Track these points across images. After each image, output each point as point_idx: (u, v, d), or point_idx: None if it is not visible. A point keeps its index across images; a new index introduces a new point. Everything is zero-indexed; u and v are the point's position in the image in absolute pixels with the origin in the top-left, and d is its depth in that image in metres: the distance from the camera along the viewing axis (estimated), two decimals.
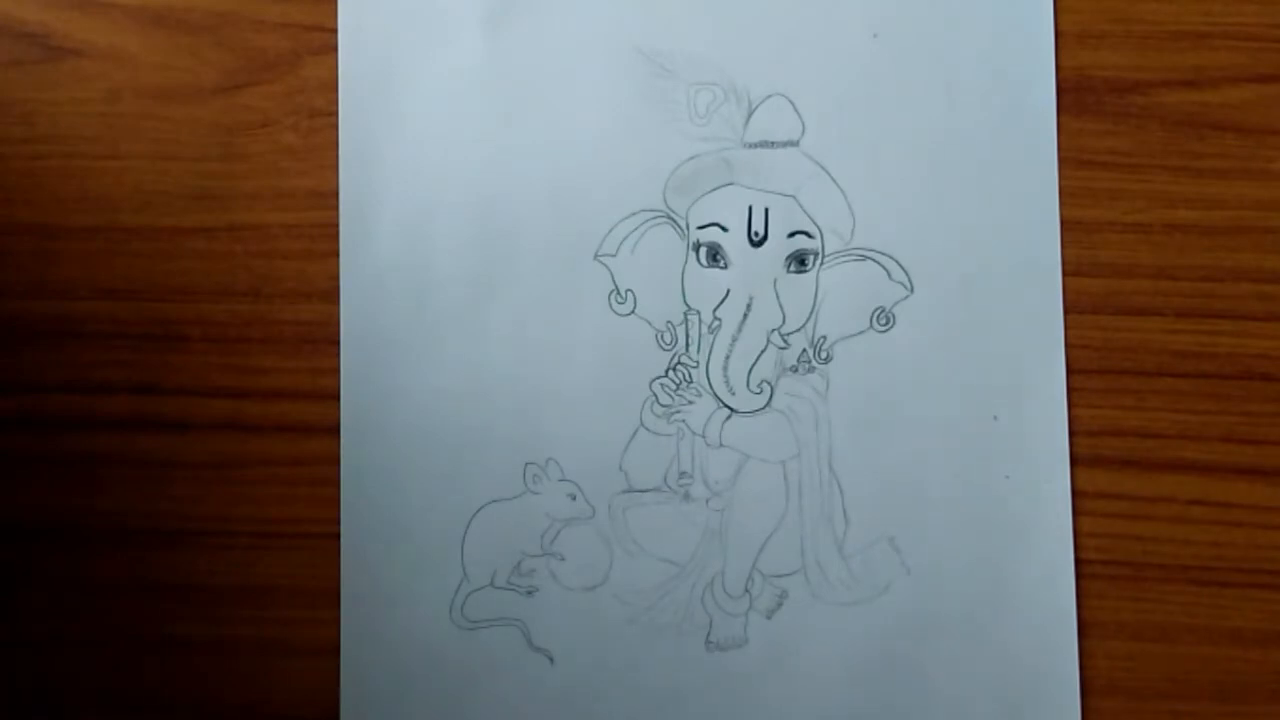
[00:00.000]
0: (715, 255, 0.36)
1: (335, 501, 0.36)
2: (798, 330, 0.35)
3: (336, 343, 0.36)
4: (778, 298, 0.35)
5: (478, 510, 0.36)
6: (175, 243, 0.36)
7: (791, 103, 0.36)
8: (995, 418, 0.35)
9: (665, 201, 0.36)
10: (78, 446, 0.36)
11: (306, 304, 0.36)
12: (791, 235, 0.35)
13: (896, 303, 0.35)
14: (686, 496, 0.35)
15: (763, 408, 0.35)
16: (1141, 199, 0.35)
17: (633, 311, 0.36)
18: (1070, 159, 0.35)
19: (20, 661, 0.36)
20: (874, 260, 0.35)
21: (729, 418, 0.35)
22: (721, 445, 0.35)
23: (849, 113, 0.36)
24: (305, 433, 0.36)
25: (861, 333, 0.35)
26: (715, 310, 0.35)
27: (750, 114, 0.36)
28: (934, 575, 0.35)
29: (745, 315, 0.35)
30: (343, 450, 0.36)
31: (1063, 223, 0.35)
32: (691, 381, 0.35)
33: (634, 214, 0.36)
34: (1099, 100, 0.35)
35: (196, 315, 0.36)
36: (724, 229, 0.35)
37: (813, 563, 0.35)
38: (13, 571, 0.36)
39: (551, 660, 0.35)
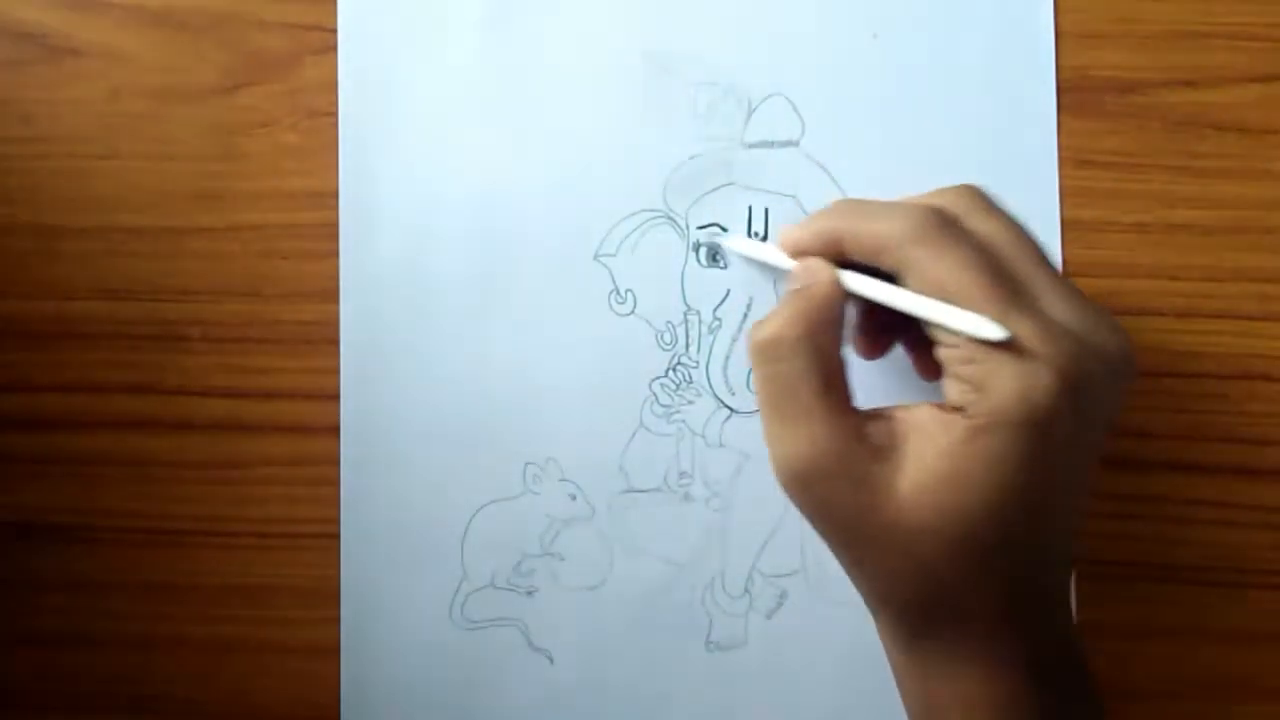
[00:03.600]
0: (715, 255, 0.35)
1: (335, 501, 0.36)
2: None
3: (336, 343, 0.36)
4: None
5: (478, 510, 0.36)
6: (175, 243, 0.36)
7: (791, 103, 0.36)
8: None
9: (665, 201, 0.36)
10: (78, 446, 0.36)
11: (306, 304, 0.36)
12: None
13: None
14: (686, 496, 0.35)
15: None
16: (1141, 199, 0.35)
17: (633, 311, 0.36)
18: (1070, 159, 0.35)
19: (21, 661, 0.36)
20: None
21: (729, 418, 0.35)
22: (721, 445, 0.35)
23: (849, 113, 0.35)
24: (305, 433, 0.36)
25: None
26: (715, 310, 0.35)
27: (750, 114, 0.36)
28: None
29: (745, 315, 0.35)
30: (343, 450, 0.36)
31: (1063, 223, 0.35)
32: (691, 381, 0.35)
33: (634, 214, 0.36)
34: (1099, 100, 0.35)
35: (196, 315, 0.36)
36: (724, 229, 0.35)
37: (813, 563, 0.35)
38: (13, 571, 0.36)
39: (551, 660, 0.35)
